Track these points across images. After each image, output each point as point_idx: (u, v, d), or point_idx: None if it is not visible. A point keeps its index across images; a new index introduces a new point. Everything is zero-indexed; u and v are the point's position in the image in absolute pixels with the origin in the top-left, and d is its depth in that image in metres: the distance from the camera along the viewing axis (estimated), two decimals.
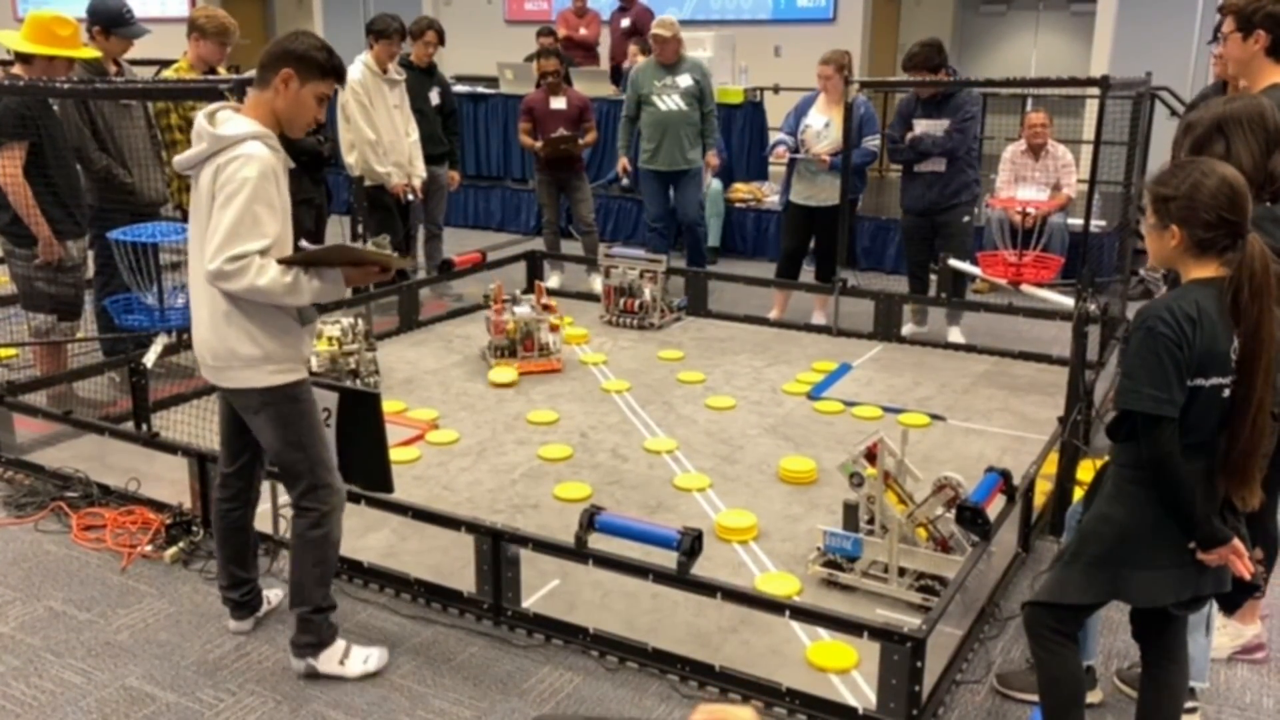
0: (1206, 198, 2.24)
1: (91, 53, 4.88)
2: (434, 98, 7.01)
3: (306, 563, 2.99)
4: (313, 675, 3.04)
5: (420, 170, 6.59)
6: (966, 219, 6.16)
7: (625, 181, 7.65)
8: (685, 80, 7.00)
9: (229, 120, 2.81)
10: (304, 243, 2.89)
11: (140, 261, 4.23)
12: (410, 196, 6.57)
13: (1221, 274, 2.27)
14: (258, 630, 3.30)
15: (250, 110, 2.85)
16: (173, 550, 3.70)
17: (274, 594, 3.40)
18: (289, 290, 2.76)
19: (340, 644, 3.08)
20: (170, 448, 4.01)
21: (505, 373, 5.51)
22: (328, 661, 3.05)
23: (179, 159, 2.86)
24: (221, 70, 5.65)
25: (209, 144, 2.77)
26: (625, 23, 10.85)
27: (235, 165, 2.71)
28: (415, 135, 6.58)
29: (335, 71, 2.89)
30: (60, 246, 4.78)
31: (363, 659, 3.09)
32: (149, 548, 3.74)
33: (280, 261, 2.74)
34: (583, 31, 11.02)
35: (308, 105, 2.86)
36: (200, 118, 2.80)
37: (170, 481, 4.02)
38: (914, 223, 6.31)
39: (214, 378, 2.95)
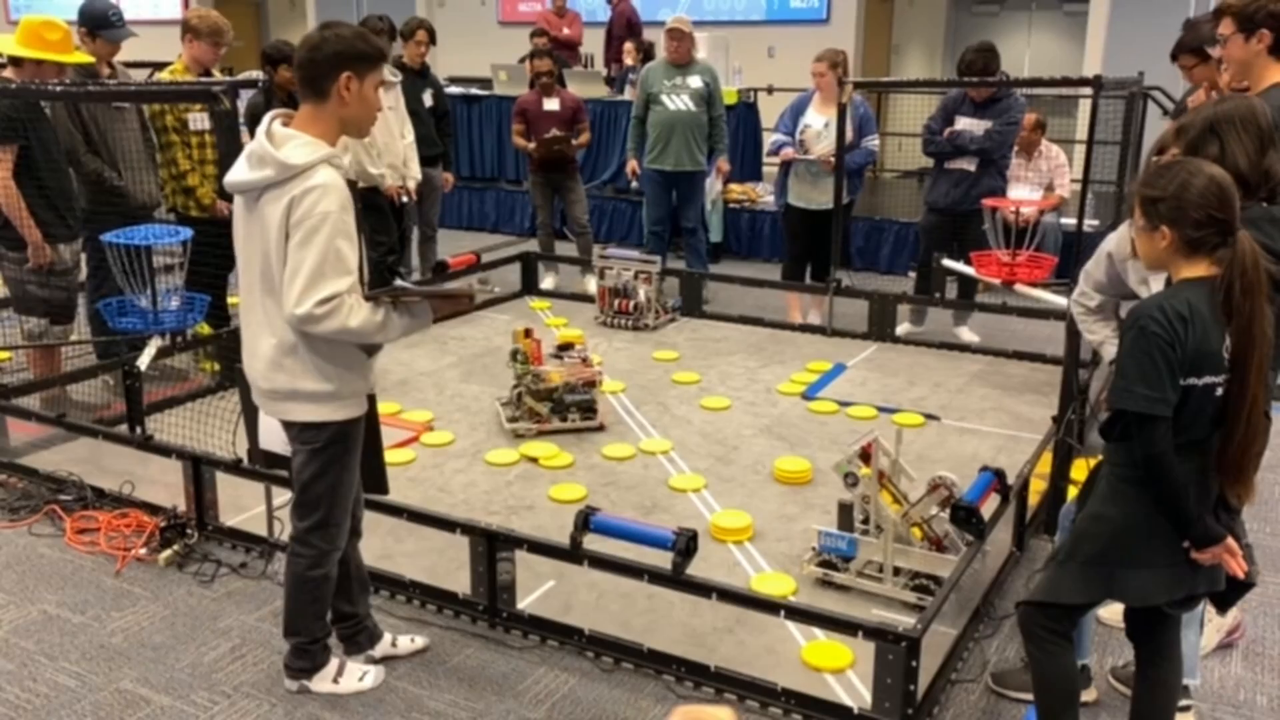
0: (1195, 197, 2.25)
1: (81, 58, 4.86)
2: (427, 99, 7.00)
3: (304, 600, 2.93)
4: (305, 693, 3.00)
5: (415, 172, 6.57)
6: (985, 227, 6.15)
7: (635, 184, 7.62)
8: (696, 81, 6.97)
9: (291, 141, 2.59)
10: (399, 280, 2.81)
11: (134, 264, 4.23)
12: (405, 199, 6.56)
13: (1212, 273, 2.28)
14: (251, 633, 3.30)
15: (310, 126, 2.64)
16: (167, 553, 3.69)
17: (404, 639, 3.20)
18: (379, 329, 2.64)
19: (334, 663, 3.03)
20: (164, 450, 4.00)
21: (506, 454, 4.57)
22: (321, 681, 3.00)
23: (234, 180, 2.65)
24: (216, 72, 5.65)
25: (275, 171, 2.56)
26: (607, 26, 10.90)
27: (313, 198, 2.53)
28: (410, 137, 6.56)
29: (381, 52, 2.70)
30: (52, 250, 4.77)
31: (358, 676, 3.03)
32: (143, 551, 3.74)
33: (367, 298, 2.63)
34: (565, 31, 11.02)
35: (372, 100, 2.68)
36: (261, 138, 2.59)
37: (165, 484, 4.01)
38: (935, 220, 6.29)
39: (266, 407, 2.82)
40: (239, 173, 2.66)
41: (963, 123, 6.09)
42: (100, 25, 5.11)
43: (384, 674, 3.07)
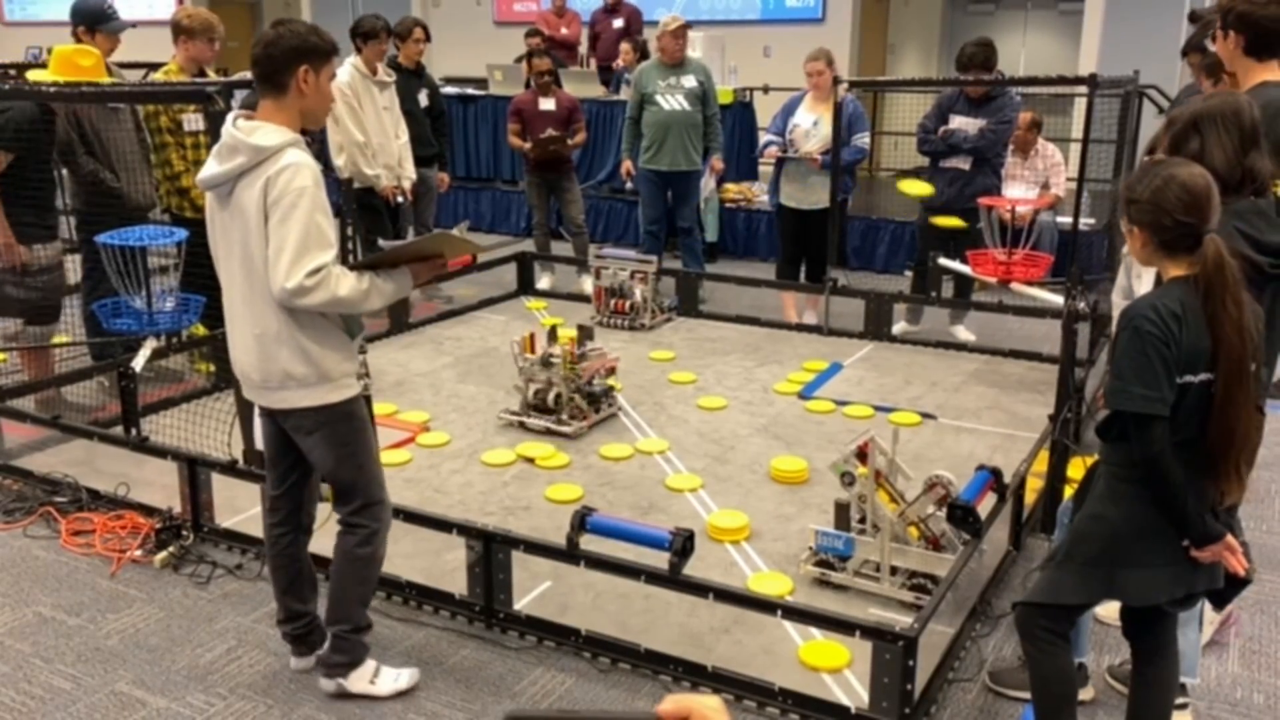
0: (1168, 201, 2.29)
1: (108, 79, 4.86)
2: (423, 99, 6.99)
3: (350, 581, 2.91)
4: (342, 695, 2.96)
5: (410, 172, 6.57)
6: (980, 225, 6.15)
7: (630, 185, 7.62)
8: (690, 81, 6.96)
9: (259, 130, 2.66)
10: (382, 241, 2.84)
11: (128, 265, 4.21)
12: (400, 199, 6.54)
13: (1194, 271, 2.30)
14: (248, 634, 3.29)
15: (273, 118, 2.70)
16: (163, 555, 3.68)
17: None
18: (366, 295, 2.69)
19: (370, 664, 3.00)
20: (160, 452, 3.99)
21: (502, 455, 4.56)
22: (358, 681, 2.97)
23: (206, 176, 2.70)
24: (210, 72, 5.63)
25: (248, 156, 2.62)
26: (618, 23, 10.80)
27: (287, 176, 2.59)
28: (405, 137, 6.56)
29: (334, 47, 2.76)
30: (24, 250, 4.75)
31: (393, 678, 3.00)
32: (139, 552, 3.73)
33: (352, 268, 2.68)
34: (564, 31, 10.99)
35: (327, 92, 2.75)
36: (230, 131, 2.65)
37: (160, 486, 4.01)
38: (930, 219, 6.30)
39: (263, 400, 2.82)
40: (209, 169, 2.71)
41: (957, 121, 6.09)
42: (98, 20, 5.11)
43: (419, 675, 3.05)
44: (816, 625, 3.07)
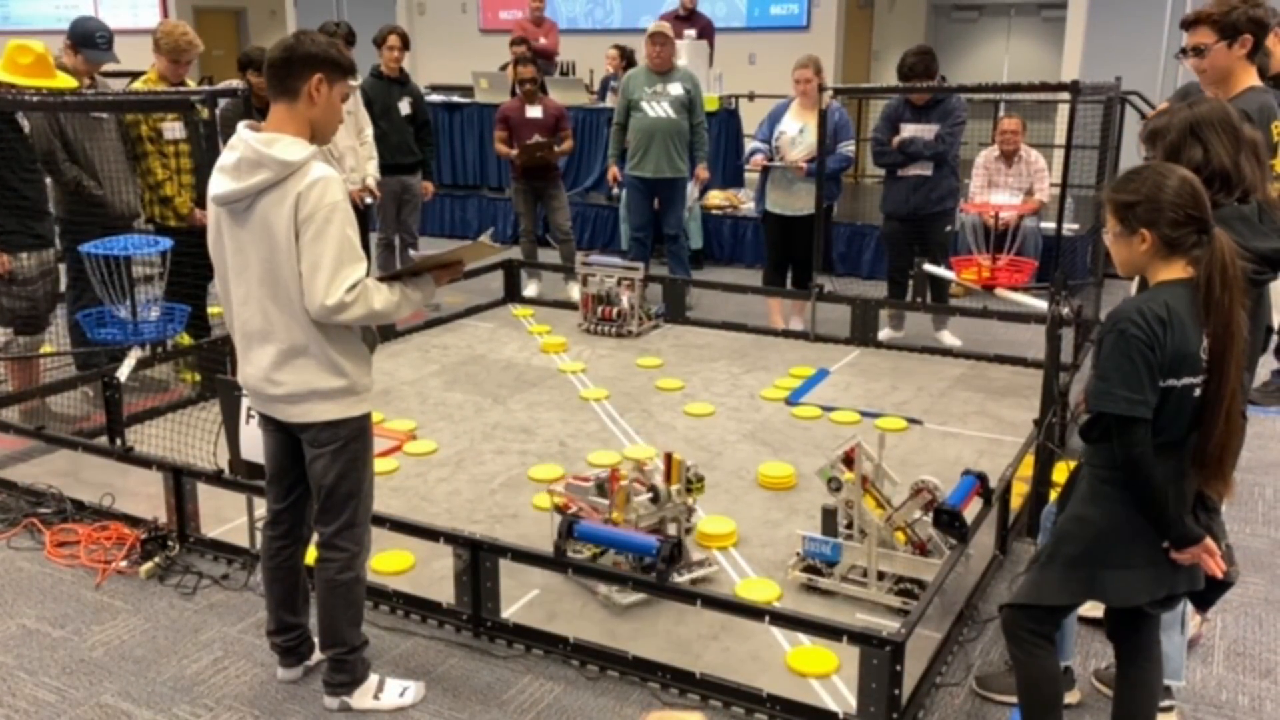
0: (1171, 197, 2.28)
1: (61, 82, 4.82)
2: (404, 107, 6.97)
3: (339, 606, 2.89)
4: (346, 711, 2.95)
5: (373, 171, 6.43)
6: (949, 229, 6.17)
7: (616, 190, 7.61)
8: (676, 88, 6.98)
9: (279, 141, 2.60)
10: (412, 252, 2.83)
11: (113, 275, 4.20)
12: (369, 200, 6.44)
13: (1189, 274, 2.31)
14: (234, 645, 3.27)
15: (285, 127, 2.64)
16: (148, 565, 3.67)
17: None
18: (398, 306, 2.70)
19: (373, 679, 2.99)
20: (145, 462, 3.97)
21: None
22: (362, 697, 2.96)
23: (222, 193, 2.64)
24: (190, 83, 5.61)
25: (275, 171, 2.57)
26: (690, 32, 10.57)
27: (319, 191, 2.56)
28: (369, 132, 6.44)
29: (353, 66, 2.73)
30: (10, 259, 4.72)
31: (398, 691, 2.99)
32: (124, 563, 3.71)
33: (381, 279, 2.68)
34: (542, 41, 10.98)
35: (337, 108, 2.72)
36: (250, 144, 2.59)
37: (145, 496, 3.99)
38: (895, 228, 6.33)
39: (281, 413, 2.78)
40: (225, 185, 2.64)
41: (909, 129, 6.13)
42: (84, 44, 5.13)
43: (424, 690, 3.04)
44: (804, 631, 3.07)
